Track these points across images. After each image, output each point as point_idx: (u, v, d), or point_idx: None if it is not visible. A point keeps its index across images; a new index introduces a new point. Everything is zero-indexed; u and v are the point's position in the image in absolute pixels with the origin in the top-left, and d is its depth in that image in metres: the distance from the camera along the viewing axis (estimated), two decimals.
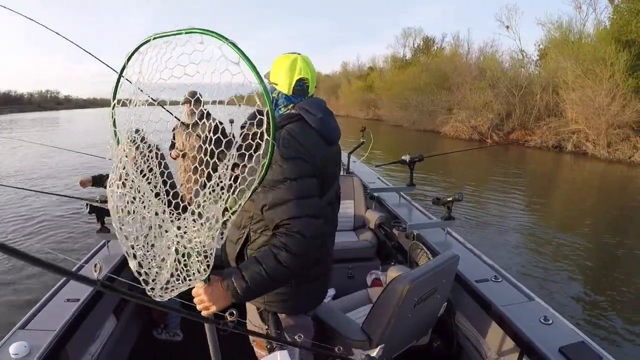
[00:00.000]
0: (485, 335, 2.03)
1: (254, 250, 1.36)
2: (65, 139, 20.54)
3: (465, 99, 21.42)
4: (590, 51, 15.30)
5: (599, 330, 3.59)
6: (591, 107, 14.69)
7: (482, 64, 22.73)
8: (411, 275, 1.63)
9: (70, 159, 11.32)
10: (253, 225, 1.36)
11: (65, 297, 1.97)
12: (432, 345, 2.31)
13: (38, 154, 13.06)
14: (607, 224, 6.84)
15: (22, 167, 11.66)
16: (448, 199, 2.80)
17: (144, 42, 0.98)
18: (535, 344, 1.65)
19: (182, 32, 0.90)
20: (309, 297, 1.49)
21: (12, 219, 6.61)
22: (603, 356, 1.57)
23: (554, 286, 4.41)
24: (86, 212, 2.49)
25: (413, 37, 38.53)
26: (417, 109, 25.30)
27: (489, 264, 2.39)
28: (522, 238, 5.99)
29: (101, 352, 2.08)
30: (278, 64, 1.37)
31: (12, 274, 4.58)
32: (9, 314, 3.62)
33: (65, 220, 6.43)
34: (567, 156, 14.92)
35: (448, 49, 30.79)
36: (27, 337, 1.62)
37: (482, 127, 19.50)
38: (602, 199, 8.84)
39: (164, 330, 2.70)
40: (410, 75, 29.72)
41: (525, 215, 7.28)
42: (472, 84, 21.60)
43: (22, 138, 18.54)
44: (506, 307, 1.92)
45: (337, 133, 1.45)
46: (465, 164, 12.80)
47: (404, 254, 2.92)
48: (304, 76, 1.36)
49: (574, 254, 5.30)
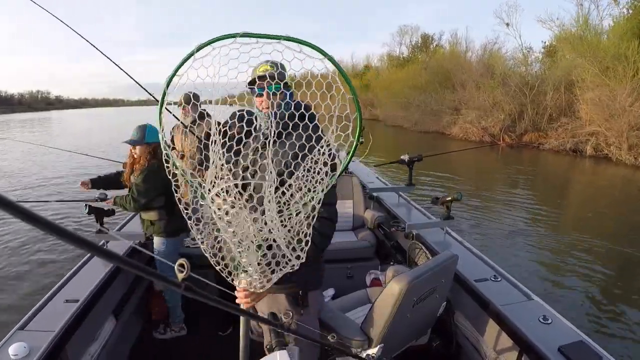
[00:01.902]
0: (485, 335, 2.04)
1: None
2: (63, 139, 20.55)
3: (472, 98, 20.23)
4: (610, 48, 14.10)
5: (598, 329, 3.59)
6: (611, 108, 13.51)
7: (490, 61, 21.60)
8: (410, 275, 1.64)
9: (68, 160, 11.33)
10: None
11: (64, 298, 1.98)
12: (432, 345, 2.31)
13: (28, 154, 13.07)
14: (619, 229, 6.56)
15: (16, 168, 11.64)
16: (447, 198, 2.80)
17: (224, 37, 1.00)
18: (534, 344, 1.65)
19: (280, 38, 0.98)
20: (323, 272, 1.65)
21: (11, 218, 6.61)
22: (602, 355, 1.57)
23: (553, 286, 4.42)
24: (85, 212, 2.49)
25: (410, 34, 38.22)
26: (419, 108, 24.15)
27: (488, 264, 2.39)
28: (530, 241, 5.96)
29: (101, 352, 2.08)
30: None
31: (11, 275, 4.58)
32: (8, 315, 3.61)
33: (65, 221, 6.44)
34: (587, 160, 13.68)
35: (447, 47, 30.31)
36: (26, 338, 1.62)
37: (494, 128, 18.19)
38: (617, 205, 8.29)
39: (166, 328, 2.70)
40: (410, 73, 28.97)
41: (536, 221, 6.90)
42: (481, 82, 20.34)
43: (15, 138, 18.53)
44: (505, 307, 1.92)
45: None
46: (475, 167, 12.15)
47: (403, 253, 2.93)
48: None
49: (577, 253, 5.31)
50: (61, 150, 5.89)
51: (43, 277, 4.50)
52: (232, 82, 1.08)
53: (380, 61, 41.10)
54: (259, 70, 1.40)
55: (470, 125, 19.11)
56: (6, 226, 6.29)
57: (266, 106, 1.41)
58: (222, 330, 2.71)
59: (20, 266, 4.80)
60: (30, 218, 0.32)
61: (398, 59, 37.54)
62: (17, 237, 5.79)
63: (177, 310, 2.68)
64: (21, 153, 13.72)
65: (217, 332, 2.69)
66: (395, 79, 30.59)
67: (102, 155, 5.08)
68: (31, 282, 4.41)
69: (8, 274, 4.59)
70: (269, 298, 1.47)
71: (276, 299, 1.51)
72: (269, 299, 1.49)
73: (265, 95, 1.40)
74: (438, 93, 23.30)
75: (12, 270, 4.67)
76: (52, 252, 5.24)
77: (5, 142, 11.06)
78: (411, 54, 36.77)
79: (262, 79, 1.37)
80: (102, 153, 7.97)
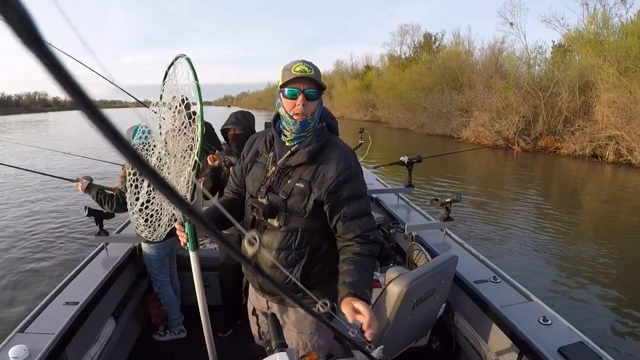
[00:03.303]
0: (484, 336, 2.04)
1: (322, 263, 1.37)
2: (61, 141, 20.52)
3: (483, 100, 19.11)
4: (634, 48, 13.47)
5: (598, 330, 3.59)
6: (633, 110, 12.88)
7: (503, 61, 20.82)
8: (410, 276, 1.64)
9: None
10: (314, 240, 1.35)
11: (64, 300, 1.97)
12: (431, 346, 2.31)
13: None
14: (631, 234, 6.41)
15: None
16: (446, 200, 2.81)
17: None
18: (534, 345, 1.66)
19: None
20: None
21: (12, 219, 6.61)
22: (602, 356, 1.57)
23: (555, 285, 4.42)
24: (85, 215, 2.49)
25: (411, 34, 37.48)
26: (426, 110, 23.08)
27: (488, 265, 2.39)
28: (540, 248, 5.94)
29: (100, 354, 2.08)
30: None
31: (10, 277, 4.57)
32: (8, 317, 3.61)
33: (65, 220, 6.43)
34: (607, 167, 12.67)
35: (451, 46, 29.41)
36: (26, 341, 1.62)
37: (507, 132, 17.10)
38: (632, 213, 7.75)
39: (166, 330, 2.70)
40: (414, 73, 28.11)
41: (545, 229, 6.53)
42: (493, 83, 19.24)
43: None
44: (505, 308, 1.92)
45: None
46: (487, 172, 11.66)
47: (403, 255, 2.93)
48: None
49: (582, 258, 5.31)
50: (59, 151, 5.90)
51: (43, 279, 4.49)
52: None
53: (381, 61, 40.68)
54: (295, 69, 1.24)
55: (483, 129, 17.98)
56: (6, 226, 6.29)
57: (299, 112, 1.26)
58: (222, 332, 2.71)
59: (20, 268, 4.79)
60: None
61: (399, 59, 36.96)
62: (17, 239, 5.78)
63: (175, 312, 2.67)
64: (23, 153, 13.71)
65: (217, 334, 2.69)
66: (398, 80, 30.05)
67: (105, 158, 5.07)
68: (31, 284, 4.40)
69: (8, 276, 4.57)
70: (298, 313, 1.45)
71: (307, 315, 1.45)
72: (299, 314, 1.46)
73: (300, 99, 1.25)
74: (445, 94, 22.54)
75: (11, 272, 4.66)
76: (52, 254, 5.24)
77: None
78: (414, 54, 36.00)
79: (300, 81, 1.24)
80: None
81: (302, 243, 1.33)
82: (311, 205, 1.29)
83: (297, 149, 1.32)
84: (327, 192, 1.28)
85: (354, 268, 1.25)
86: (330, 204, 1.30)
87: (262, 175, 1.37)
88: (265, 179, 1.36)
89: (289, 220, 1.32)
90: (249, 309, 1.68)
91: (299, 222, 1.32)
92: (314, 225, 1.33)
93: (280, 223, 1.32)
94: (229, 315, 2.74)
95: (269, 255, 1.34)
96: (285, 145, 1.35)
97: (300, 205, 1.30)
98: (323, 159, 1.31)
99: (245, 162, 1.46)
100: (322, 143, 1.32)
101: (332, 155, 1.31)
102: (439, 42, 34.64)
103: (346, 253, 1.31)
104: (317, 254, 1.36)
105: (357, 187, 1.33)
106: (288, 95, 1.25)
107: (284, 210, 1.31)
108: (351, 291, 1.18)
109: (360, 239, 1.30)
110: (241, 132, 2.41)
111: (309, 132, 1.32)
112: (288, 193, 1.31)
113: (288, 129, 1.31)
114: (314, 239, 1.34)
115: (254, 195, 1.39)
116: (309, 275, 1.36)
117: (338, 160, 1.30)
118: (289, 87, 1.25)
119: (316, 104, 1.29)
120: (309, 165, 1.30)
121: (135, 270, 2.68)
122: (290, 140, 1.34)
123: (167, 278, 2.62)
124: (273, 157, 1.37)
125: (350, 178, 1.30)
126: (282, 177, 1.33)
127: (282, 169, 1.33)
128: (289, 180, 1.32)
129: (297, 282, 1.26)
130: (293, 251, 1.33)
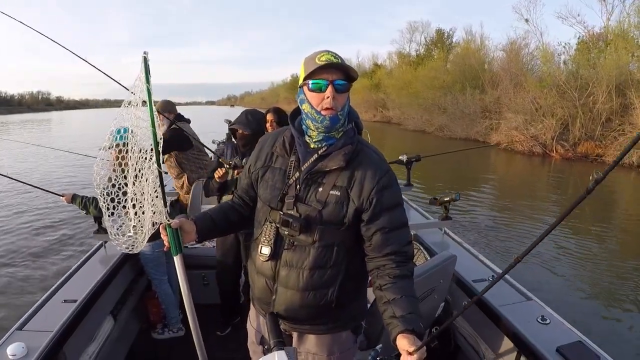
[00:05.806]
0: (483, 335, 2.04)
1: (355, 280, 1.25)
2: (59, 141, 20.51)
3: (510, 101, 17.21)
4: None
5: (596, 329, 3.59)
6: None
7: (530, 57, 19.09)
8: None
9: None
10: (349, 255, 1.19)
11: (62, 298, 1.97)
12: (430, 346, 2.31)
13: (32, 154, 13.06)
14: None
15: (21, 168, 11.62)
16: (445, 199, 2.81)
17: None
18: (532, 344, 1.66)
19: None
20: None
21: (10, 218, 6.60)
22: (600, 355, 1.57)
23: (553, 286, 4.42)
24: (83, 213, 2.49)
25: (420, 31, 35.35)
26: (446, 111, 20.98)
27: (487, 264, 2.39)
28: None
29: (99, 352, 2.08)
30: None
31: (9, 275, 4.57)
32: (6, 315, 3.61)
33: (65, 221, 6.42)
34: None
35: (462, 43, 27.58)
36: (24, 338, 1.62)
37: (544, 136, 14.83)
38: None
39: (164, 328, 2.70)
40: (430, 70, 26.09)
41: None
42: (524, 81, 17.42)
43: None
44: (504, 307, 1.92)
45: None
46: (527, 185, 10.42)
47: None
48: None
49: (583, 258, 5.30)
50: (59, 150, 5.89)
51: (41, 277, 4.49)
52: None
53: (389, 59, 38.70)
54: (321, 59, 1.07)
55: (517, 133, 15.66)
56: (4, 224, 6.29)
57: (329, 105, 1.09)
58: (220, 331, 2.71)
59: (18, 266, 4.79)
60: None
61: (409, 56, 35.03)
62: (15, 237, 5.78)
63: (173, 310, 2.67)
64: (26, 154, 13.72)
65: (215, 332, 2.69)
66: (413, 77, 27.93)
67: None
68: (29, 282, 4.40)
69: (6, 274, 4.57)
70: (328, 339, 1.28)
71: (338, 337, 1.29)
72: (329, 339, 1.28)
73: (329, 91, 1.08)
74: (466, 94, 20.54)
75: (10, 271, 4.66)
76: (51, 251, 5.24)
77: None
78: (426, 51, 33.64)
79: (328, 71, 1.07)
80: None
81: (338, 259, 1.17)
82: (351, 216, 1.14)
83: (328, 151, 1.15)
84: (368, 200, 1.13)
85: (402, 298, 1.10)
86: (370, 214, 1.14)
87: (281, 183, 1.19)
88: (287, 187, 1.18)
89: (324, 233, 1.15)
90: (249, 328, 1.48)
91: (335, 235, 1.15)
92: (348, 239, 1.18)
93: (315, 238, 1.14)
94: (227, 313, 2.74)
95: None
96: (310, 147, 1.18)
97: (338, 216, 1.14)
98: (358, 163, 1.15)
99: (257, 168, 1.27)
100: (357, 145, 1.17)
101: (367, 159, 1.17)
102: (451, 38, 32.88)
103: (385, 277, 1.13)
104: (351, 270, 1.21)
105: (397, 194, 1.19)
106: (313, 87, 1.09)
107: (320, 223, 1.14)
108: (408, 327, 1.06)
109: (398, 256, 1.15)
110: (249, 133, 2.40)
111: (338, 130, 1.15)
112: (323, 202, 1.14)
113: (314, 127, 1.13)
114: (349, 254, 1.19)
115: (273, 206, 1.19)
116: (341, 295, 1.20)
117: (375, 164, 1.16)
118: (314, 78, 1.08)
119: (346, 97, 1.14)
120: (342, 170, 1.14)
121: (133, 268, 2.68)
122: (317, 142, 1.16)
123: (164, 276, 2.61)
124: (295, 161, 1.19)
125: (389, 184, 1.17)
126: (311, 185, 1.16)
127: (310, 174, 1.16)
128: (320, 188, 1.15)
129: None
130: (329, 269, 1.17)
